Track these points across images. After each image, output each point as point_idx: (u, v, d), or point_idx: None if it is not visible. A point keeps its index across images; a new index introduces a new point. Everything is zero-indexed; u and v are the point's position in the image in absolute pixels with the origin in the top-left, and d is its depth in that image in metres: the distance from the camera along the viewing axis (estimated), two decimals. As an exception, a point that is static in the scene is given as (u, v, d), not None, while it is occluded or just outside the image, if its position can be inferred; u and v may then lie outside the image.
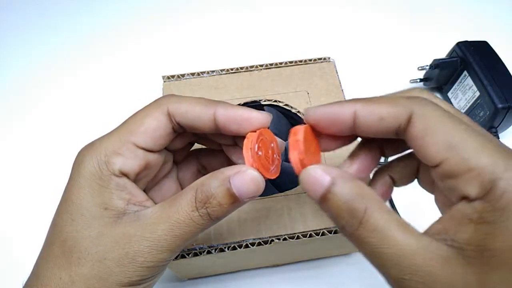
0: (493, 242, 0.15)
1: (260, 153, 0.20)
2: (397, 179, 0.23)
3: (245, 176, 0.19)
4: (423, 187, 0.22)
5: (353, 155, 0.22)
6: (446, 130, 0.17)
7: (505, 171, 0.15)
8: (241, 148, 0.21)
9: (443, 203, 0.20)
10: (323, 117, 0.20)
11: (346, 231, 0.18)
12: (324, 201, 0.18)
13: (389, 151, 0.22)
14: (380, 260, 0.17)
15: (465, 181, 0.16)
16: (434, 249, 0.16)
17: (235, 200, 0.19)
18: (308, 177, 0.19)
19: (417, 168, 0.22)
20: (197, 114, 0.21)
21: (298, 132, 0.20)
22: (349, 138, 0.22)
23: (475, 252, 0.15)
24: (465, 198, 0.16)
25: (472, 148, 0.16)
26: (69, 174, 0.21)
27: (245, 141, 0.21)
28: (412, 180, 0.23)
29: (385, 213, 0.17)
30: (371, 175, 0.24)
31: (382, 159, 0.23)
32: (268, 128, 0.22)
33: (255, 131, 0.21)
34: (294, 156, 0.20)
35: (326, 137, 0.22)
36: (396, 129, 0.18)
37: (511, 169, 0.15)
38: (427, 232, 0.17)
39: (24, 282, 0.20)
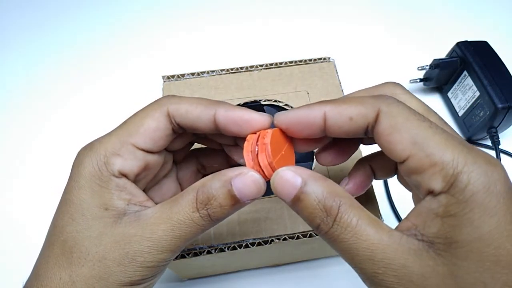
0: (459, 234, 0.15)
1: (260, 155, 0.20)
2: (377, 171, 0.23)
3: (247, 178, 0.19)
4: (401, 184, 0.23)
5: (331, 144, 0.23)
6: (411, 127, 0.17)
7: (466, 164, 0.16)
8: (242, 148, 0.21)
9: (418, 200, 0.21)
10: (294, 121, 0.20)
11: (322, 230, 0.18)
12: (297, 202, 0.18)
13: (367, 139, 0.23)
14: (354, 256, 0.17)
15: (430, 176, 0.16)
16: (405, 243, 0.17)
17: (236, 202, 0.19)
18: (279, 179, 0.19)
19: (396, 164, 0.22)
20: (197, 115, 0.21)
21: (266, 136, 0.20)
22: (323, 139, 0.22)
23: (443, 245, 0.16)
24: (430, 192, 0.17)
25: (436, 144, 0.17)
26: (69, 175, 0.21)
27: (245, 143, 0.21)
28: (391, 175, 0.23)
29: (357, 209, 0.18)
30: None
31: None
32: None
33: (255, 133, 0.21)
34: (262, 159, 0.20)
35: (299, 139, 0.22)
36: (365, 128, 0.19)
37: (473, 162, 0.16)
38: (396, 229, 0.18)
39: (24, 282, 0.20)
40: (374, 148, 0.24)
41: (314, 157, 0.23)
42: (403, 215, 0.39)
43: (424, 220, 0.17)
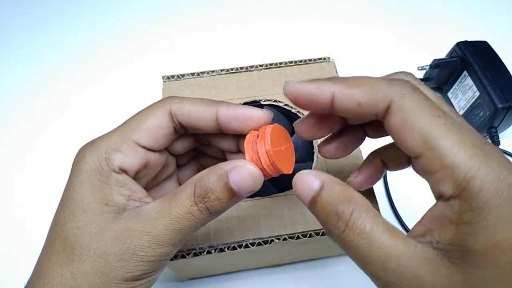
0: (474, 242, 0.15)
1: (260, 142, 0.20)
2: (389, 164, 0.23)
3: (243, 171, 0.19)
4: (418, 173, 0.23)
5: (334, 136, 0.23)
6: (424, 124, 0.16)
7: (479, 168, 0.15)
8: (244, 154, 0.21)
9: None
10: (301, 94, 0.20)
11: (334, 234, 0.18)
12: (313, 204, 0.19)
13: (372, 133, 0.23)
14: (367, 263, 0.17)
15: (440, 179, 0.16)
16: (420, 251, 0.16)
17: (233, 195, 0.19)
18: (300, 181, 0.19)
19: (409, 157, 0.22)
20: (199, 114, 0.21)
21: (267, 127, 0.21)
22: (327, 127, 0.22)
23: (458, 253, 0.15)
24: (440, 196, 0.16)
25: (448, 144, 0.16)
26: (70, 171, 0.21)
27: (248, 135, 0.21)
28: (405, 166, 0.23)
29: (371, 216, 0.17)
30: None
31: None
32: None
33: (257, 130, 0.21)
34: (260, 147, 0.20)
35: (307, 126, 0.22)
36: (375, 114, 0.18)
37: (486, 166, 0.15)
38: (411, 234, 0.17)
39: (26, 281, 0.20)
40: (376, 143, 0.24)
41: (317, 149, 0.23)
42: (403, 215, 0.39)
43: (438, 226, 0.16)
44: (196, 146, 0.25)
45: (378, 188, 0.42)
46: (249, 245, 0.27)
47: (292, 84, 0.20)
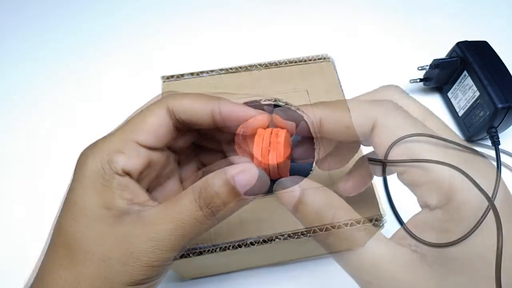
0: (452, 250, 0.16)
1: (272, 153, 0.20)
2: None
3: (250, 175, 0.19)
4: (404, 184, 0.23)
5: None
6: (408, 142, 0.17)
7: (463, 182, 0.15)
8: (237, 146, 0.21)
9: None
10: (290, 123, 0.20)
11: (318, 238, 0.19)
12: (295, 211, 0.19)
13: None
14: (349, 266, 0.18)
15: (426, 192, 0.17)
16: (400, 254, 0.17)
17: (239, 199, 0.19)
18: (280, 189, 0.20)
19: None
20: (197, 110, 0.21)
21: (280, 135, 0.20)
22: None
23: (436, 258, 0.16)
24: (426, 205, 0.17)
25: (433, 160, 0.16)
26: (72, 174, 0.21)
27: (256, 138, 0.21)
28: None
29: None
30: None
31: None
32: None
33: (264, 128, 0.21)
34: (272, 157, 0.20)
35: (301, 147, 0.22)
36: (362, 134, 0.19)
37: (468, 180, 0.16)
38: (394, 237, 0.18)
39: (28, 285, 0.20)
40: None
41: (317, 147, 0.23)
42: (402, 215, 0.39)
43: (420, 231, 0.17)
44: (196, 140, 0.25)
45: (378, 188, 0.42)
46: (251, 244, 0.27)
47: (281, 112, 0.21)
